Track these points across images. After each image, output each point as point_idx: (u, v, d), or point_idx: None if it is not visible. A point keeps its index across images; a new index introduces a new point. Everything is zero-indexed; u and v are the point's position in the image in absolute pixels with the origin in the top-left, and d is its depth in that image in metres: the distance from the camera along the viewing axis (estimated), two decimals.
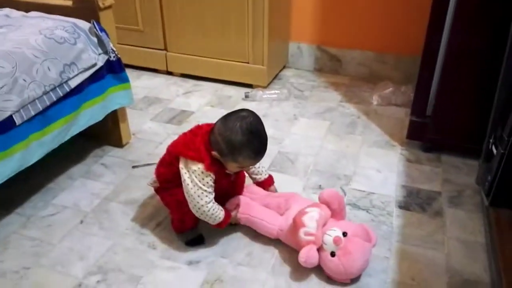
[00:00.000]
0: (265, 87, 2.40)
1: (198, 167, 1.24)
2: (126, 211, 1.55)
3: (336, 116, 2.17)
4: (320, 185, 1.68)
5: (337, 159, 1.84)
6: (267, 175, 1.52)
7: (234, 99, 2.32)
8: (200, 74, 2.48)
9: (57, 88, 1.43)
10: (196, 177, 1.25)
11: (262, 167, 1.51)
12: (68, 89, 1.46)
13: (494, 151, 1.40)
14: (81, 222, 1.49)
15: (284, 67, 2.65)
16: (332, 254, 1.23)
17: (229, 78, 2.44)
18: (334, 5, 2.43)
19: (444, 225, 1.49)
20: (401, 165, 1.80)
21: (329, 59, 2.58)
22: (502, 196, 1.38)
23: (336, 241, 1.23)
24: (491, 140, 1.45)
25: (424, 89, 1.81)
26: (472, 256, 1.37)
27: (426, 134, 1.83)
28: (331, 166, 1.80)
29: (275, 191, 1.54)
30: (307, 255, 1.22)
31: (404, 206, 1.58)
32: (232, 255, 1.36)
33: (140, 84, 2.44)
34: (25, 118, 1.33)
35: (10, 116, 1.29)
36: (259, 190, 1.51)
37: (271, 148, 1.87)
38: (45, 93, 1.38)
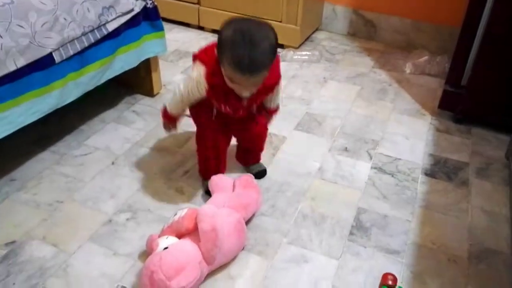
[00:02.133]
0: (296, 48, 2.37)
1: (199, 71, 1.18)
2: (156, 157, 1.58)
3: (367, 82, 2.14)
4: (346, 147, 1.69)
5: (365, 123, 1.84)
6: (272, 107, 1.39)
7: None
8: None
9: (95, 30, 1.44)
10: (190, 82, 1.21)
11: (277, 104, 1.39)
12: (105, 32, 1.48)
13: None
14: (112, 163, 1.54)
15: (317, 29, 2.61)
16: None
17: None
18: None
19: (469, 195, 1.49)
20: (430, 134, 1.78)
21: (364, 23, 2.52)
22: None
23: (153, 244, 1.13)
24: None
25: (461, 59, 1.76)
26: (494, 227, 1.37)
27: (459, 104, 1.80)
28: (359, 130, 1.79)
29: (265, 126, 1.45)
30: (147, 240, 1.19)
31: (430, 173, 1.57)
32: None
33: (172, 37, 2.44)
34: (64, 57, 1.35)
35: (50, 54, 1.31)
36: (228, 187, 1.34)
37: (299, 108, 1.87)
38: (84, 34, 1.40)
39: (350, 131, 1.78)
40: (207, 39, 2.45)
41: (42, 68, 1.29)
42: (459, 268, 1.23)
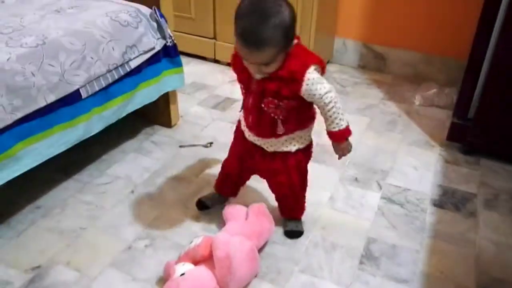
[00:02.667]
0: (324, 63, 2.45)
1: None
2: (173, 185, 1.66)
3: (377, 113, 2.21)
4: (356, 178, 1.74)
5: (375, 154, 1.89)
6: (336, 129, 1.18)
7: None
8: None
9: (119, 68, 1.55)
10: None
11: (335, 116, 1.16)
12: (128, 69, 1.58)
13: None
14: (132, 192, 1.62)
15: (328, 61, 2.70)
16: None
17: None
18: (382, 2, 2.46)
19: (477, 225, 1.52)
20: (439, 165, 1.83)
21: (373, 56, 2.61)
22: None
23: (170, 271, 1.18)
24: None
25: (468, 92, 1.83)
26: (502, 257, 1.40)
27: (467, 136, 1.85)
28: (369, 161, 1.85)
29: (341, 152, 1.25)
30: (165, 266, 1.24)
31: (439, 204, 1.61)
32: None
33: (188, 70, 2.55)
34: (90, 93, 1.45)
35: (78, 90, 1.41)
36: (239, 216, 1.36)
37: None
38: (109, 71, 1.51)
39: (360, 162, 1.84)
40: (223, 72, 2.56)
41: (70, 103, 1.39)
42: None
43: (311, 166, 1.69)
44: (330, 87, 1.14)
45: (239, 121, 1.35)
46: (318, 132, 2.03)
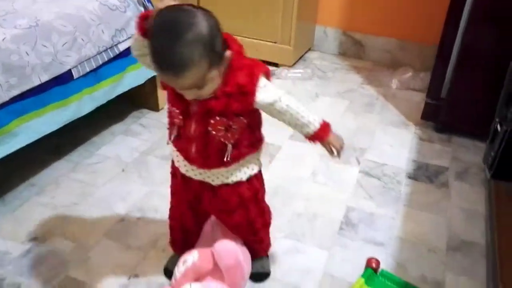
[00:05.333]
0: (290, 67, 2.55)
1: None
2: (162, 164, 1.73)
3: (356, 96, 2.31)
4: None
5: (354, 134, 1.99)
6: (315, 126, 1.05)
7: None
8: None
9: (108, 50, 1.61)
10: None
11: (303, 115, 1.04)
12: (117, 52, 1.64)
13: (499, 129, 1.53)
14: (122, 170, 1.68)
15: (309, 49, 2.80)
16: None
17: (257, 56, 2.53)
18: None
19: (449, 195, 1.63)
20: (414, 143, 1.94)
21: (353, 44, 2.71)
22: (503, 169, 1.51)
23: None
24: (497, 120, 1.58)
25: (439, 74, 1.94)
26: (471, 223, 1.52)
27: (440, 115, 1.96)
28: (348, 140, 1.91)
29: (329, 148, 1.09)
30: None
31: (413, 177, 1.72)
32: None
33: None
34: (81, 73, 1.51)
35: (69, 70, 1.47)
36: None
37: None
38: (99, 53, 1.57)
39: None
40: None
41: (62, 83, 1.45)
42: (438, 257, 1.37)
43: (293, 145, 1.79)
44: (283, 91, 1.02)
45: (172, 163, 1.13)
46: None
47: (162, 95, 2.07)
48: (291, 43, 2.47)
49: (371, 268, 1.16)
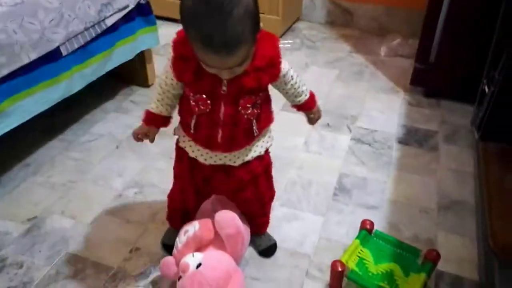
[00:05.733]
0: (279, 37, 2.53)
1: (168, 59, 0.96)
2: (156, 139, 1.72)
3: (345, 65, 2.32)
4: (328, 123, 1.86)
5: (345, 102, 2.01)
6: (307, 96, 1.11)
7: None
8: None
9: (96, 26, 1.59)
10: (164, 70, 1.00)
11: (300, 85, 1.07)
12: (104, 27, 1.62)
13: (487, 90, 1.56)
14: (117, 147, 1.69)
15: (297, 19, 2.78)
16: (179, 278, 1.07)
17: None
18: None
19: (438, 157, 1.67)
20: (403, 108, 1.97)
21: (341, 12, 2.70)
22: (490, 130, 1.54)
23: (183, 267, 1.05)
24: (484, 81, 1.61)
25: (427, 38, 1.95)
26: (461, 183, 1.56)
27: (428, 80, 1.98)
28: (339, 108, 1.97)
29: (316, 117, 1.18)
30: (161, 266, 1.12)
31: (403, 141, 1.76)
32: None
33: (161, 33, 2.54)
34: (70, 50, 1.50)
35: (58, 48, 1.46)
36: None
37: None
38: (86, 29, 1.55)
39: (331, 109, 1.95)
40: None
41: (51, 61, 1.44)
42: (430, 217, 1.42)
43: (285, 116, 1.80)
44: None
45: (180, 150, 1.10)
46: None
47: (152, 71, 2.06)
48: (279, 13, 2.45)
49: (366, 229, 1.20)
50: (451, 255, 1.28)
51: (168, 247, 1.24)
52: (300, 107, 1.12)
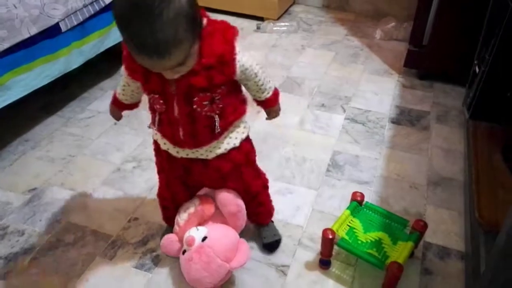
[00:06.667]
0: (275, 20, 2.56)
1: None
2: None
3: (341, 48, 2.35)
4: (323, 104, 1.89)
5: (340, 83, 2.04)
6: (269, 94, 1.06)
7: (246, 30, 2.49)
8: (215, 7, 2.63)
9: (94, 3, 1.61)
10: None
11: (264, 82, 1.03)
12: (103, 4, 1.65)
13: (477, 70, 1.60)
14: (115, 123, 1.72)
15: (294, 2, 2.80)
16: (183, 252, 1.08)
17: (242, 11, 2.59)
18: None
19: (430, 136, 1.71)
20: (397, 90, 2.00)
21: None
22: (480, 110, 1.58)
23: (188, 241, 1.06)
24: (475, 62, 1.65)
25: (421, 21, 1.98)
26: (450, 161, 1.60)
27: (422, 62, 2.02)
28: (334, 89, 2.00)
29: (274, 115, 1.15)
30: (163, 243, 1.14)
31: (396, 121, 1.79)
32: None
33: None
34: (69, 27, 1.53)
35: (57, 24, 1.48)
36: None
37: (280, 73, 2.07)
38: (85, 6, 1.57)
39: (326, 90, 1.99)
40: None
41: (50, 36, 1.47)
42: (419, 193, 1.46)
43: (281, 96, 1.83)
44: (250, 53, 0.97)
45: (155, 143, 1.09)
46: (288, 67, 2.18)
47: None
48: None
49: (356, 201, 1.24)
50: (439, 228, 1.33)
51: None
52: (260, 103, 1.08)
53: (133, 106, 1.12)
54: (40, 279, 1.15)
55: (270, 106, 1.09)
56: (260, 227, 1.26)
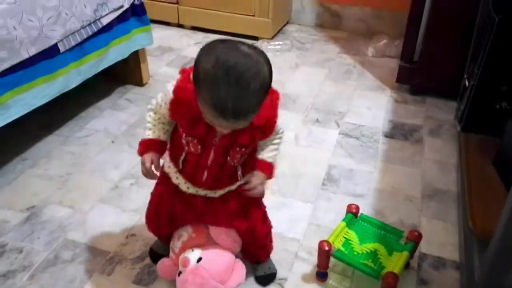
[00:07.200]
0: (269, 39, 2.61)
1: (173, 81, 0.94)
2: None
3: (334, 65, 2.39)
4: (317, 119, 1.93)
5: (333, 99, 2.08)
6: (267, 160, 1.05)
7: None
8: (210, 27, 2.69)
9: (92, 24, 1.65)
10: (158, 98, 1.01)
11: (273, 149, 1.06)
12: (100, 26, 1.69)
13: (467, 84, 1.64)
14: (112, 142, 1.74)
15: (287, 22, 2.86)
16: (179, 273, 1.09)
17: (236, 30, 2.64)
18: None
19: (423, 150, 1.74)
20: (390, 105, 2.04)
21: (330, 15, 2.78)
22: (471, 122, 1.62)
23: (183, 262, 1.06)
24: (465, 76, 1.69)
25: (412, 37, 2.03)
26: (444, 174, 1.63)
27: (413, 78, 2.06)
28: (328, 105, 2.04)
29: (257, 188, 1.04)
30: (159, 267, 1.16)
31: (389, 135, 1.83)
32: None
33: (154, 35, 2.60)
34: (67, 47, 1.56)
35: (55, 44, 1.52)
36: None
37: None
38: (83, 27, 1.61)
39: (320, 107, 2.02)
40: (187, 35, 2.68)
41: (49, 57, 1.50)
42: (414, 205, 1.48)
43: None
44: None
45: (165, 175, 1.08)
46: (282, 84, 2.22)
47: (146, 70, 2.12)
48: (269, 15, 2.53)
49: (351, 213, 1.26)
50: (433, 239, 1.35)
51: (154, 253, 1.25)
52: (261, 164, 1.04)
53: (166, 145, 1.05)
54: None
55: (262, 170, 1.04)
56: (255, 263, 1.23)
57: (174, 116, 0.95)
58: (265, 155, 1.04)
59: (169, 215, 1.10)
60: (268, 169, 1.04)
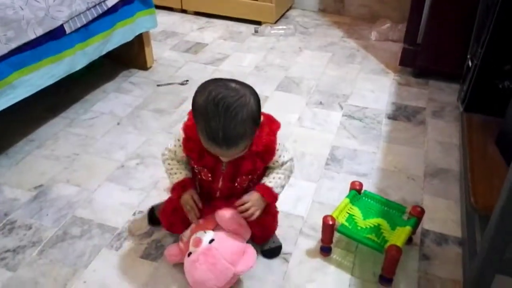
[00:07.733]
0: (273, 24, 2.61)
1: (180, 135, 1.08)
2: (155, 116, 1.81)
3: (337, 49, 2.40)
4: (321, 102, 1.94)
5: (337, 82, 2.09)
6: (272, 189, 1.10)
7: (245, 34, 2.54)
8: (213, 12, 2.69)
9: (97, 6, 1.66)
10: (169, 146, 1.14)
11: (280, 178, 1.12)
12: (105, 8, 1.69)
13: (470, 64, 1.64)
14: (118, 123, 1.76)
15: (290, 7, 2.86)
16: (189, 254, 1.08)
17: (239, 15, 2.65)
18: None
19: (426, 130, 1.76)
20: (393, 88, 2.05)
21: (332, 0, 2.78)
22: (474, 102, 1.63)
23: (195, 242, 1.07)
24: (468, 57, 1.69)
25: (415, 19, 2.03)
26: (446, 153, 1.64)
27: (416, 60, 2.07)
28: (331, 88, 2.05)
29: (254, 212, 1.09)
30: (167, 252, 1.18)
31: (393, 117, 1.84)
32: None
33: (158, 20, 2.65)
34: (73, 29, 1.57)
35: (62, 26, 1.53)
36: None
37: (279, 74, 2.12)
38: (88, 9, 1.62)
39: (324, 89, 2.03)
40: (190, 21, 2.68)
41: (55, 38, 1.51)
42: (416, 183, 1.50)
43: (280, 95, 1.87)
44: (291, 155, 1.13)
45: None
46: (286, 67, 2.23)
47: (150, 54, 2.13)
48: (273, 0, 2.53)
49: (355, 189, 1.28)
50: (436, 216, 1.37)
51: (152, 218, 1.31)
52: (261, 188, 1.10)
53: (195, 180, 1.17)
54: (48, 269, 1.18)
55: (263, 194, 1.09)
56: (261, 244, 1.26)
57: (186, 151, 1.08)
58: (267, 180, 1.12)
59: (185, 215, 1.15)
60: (266, 192, 1.10)
